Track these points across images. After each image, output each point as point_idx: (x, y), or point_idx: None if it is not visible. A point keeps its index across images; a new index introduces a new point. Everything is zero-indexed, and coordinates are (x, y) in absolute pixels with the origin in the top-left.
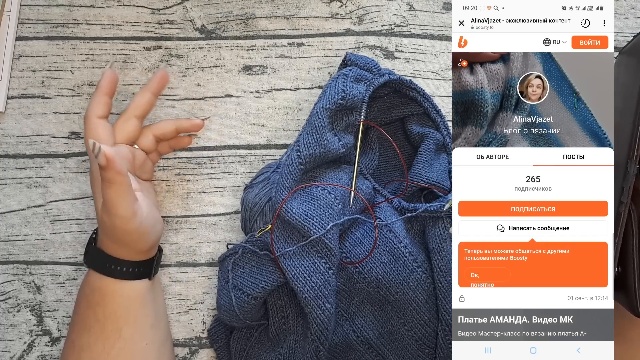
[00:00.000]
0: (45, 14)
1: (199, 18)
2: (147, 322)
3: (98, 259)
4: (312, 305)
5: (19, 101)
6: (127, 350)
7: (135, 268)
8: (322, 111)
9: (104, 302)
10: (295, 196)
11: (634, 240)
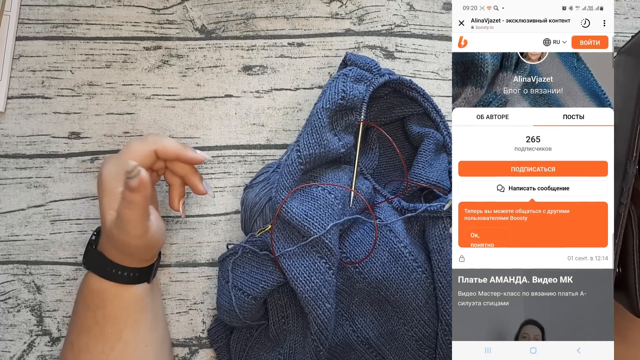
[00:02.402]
0: (45, 14)
1: (199, 18)
2: (146, 325)
3: (98, 263)
4: (312, 305)
5: (19, 101)
6: (126, 352)
7: (136, 273)
8: (322, 111)
9: (104, 305)
10: (295, 196)
11: (634, 241)
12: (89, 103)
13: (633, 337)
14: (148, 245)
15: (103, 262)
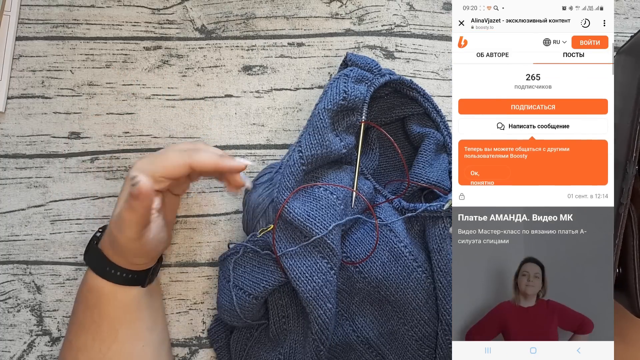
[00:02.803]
0: (45, 14)
1: (199, 18)
2: (143, 325)
3: (96, 260)
4: (313, 305)
5: (19, 101)
6: (123, 351)
7: (129, 275)
8: (324, 112)
9: (100, 304)
10: (297, 197)
11: (634, 241)
12: (89, 103)
13: (633, 337)
14: (140, 250)
15: (99, 259)
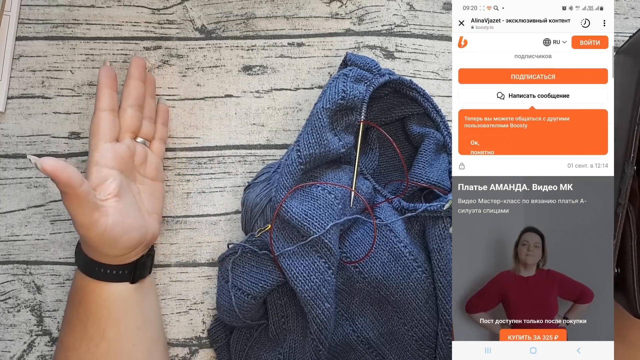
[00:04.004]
0: (45, 14)
1: (199, 18)
2: (132, 324)
3: (81, 259)
4: (311, 304)
5: (19, 101)
6: (112, 350)
7: (114, 270)
8: (323, 111)
9: (85, 302)
10: (295, 196)
11: (632, 242)
12: (89, 103)
13: (633, 337)
14: (103, 239)
15: (82, 257)
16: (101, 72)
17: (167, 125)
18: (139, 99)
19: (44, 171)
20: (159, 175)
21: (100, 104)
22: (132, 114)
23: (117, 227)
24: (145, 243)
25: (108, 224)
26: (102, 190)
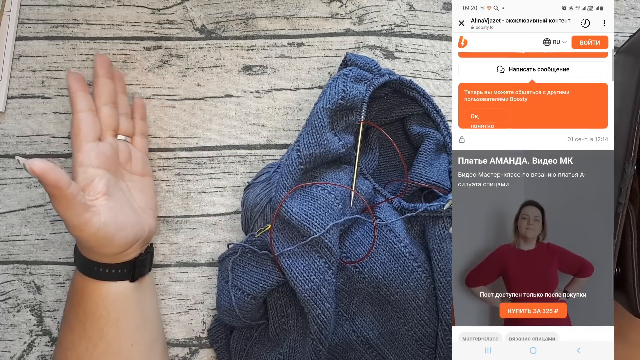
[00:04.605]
0: (45, 14)
1: (199, 18)
2: (130, 323)
3: (79, 259)
4: (311, 304)
5: (19, 101)
6: (110, 350)
7: (112, 270)
8: (322, 111)
9: (83, 302)
10: (295, 196)
11: (633, 241)
12: None
13: (633, 337)
14: (97, 238)
15: (81, 258)
16: (69, 78)
17: (145, 119)
18: (111, 96)
19: (32, 172)
20: (146, 170)
21: (78, 106)
22: (108, 111)
23: (110, 225)
24: (143, 239)
25: (100, 223)
26: (91, 190)
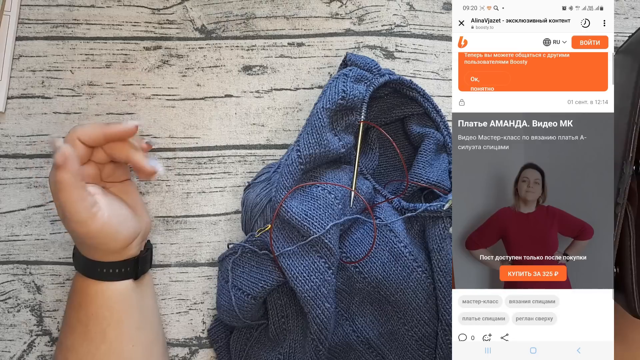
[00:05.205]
0: (45, 14)
1: (199, 18)
2: (132, 324)
3: (81, 261)
4: (311, 304)
5: (19, 101)
6: (112, 351)
7: (117, 269)
8: (322, 111)
9: (86, 304)
10: (295, 196)
11: (631, 242)
12: (89, 103)
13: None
14: (104, 233)
15: (84, 261)
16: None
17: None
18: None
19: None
20: (126, 174)
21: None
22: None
23: (113, 218)
24: (142, 233)
25: (105, 217)
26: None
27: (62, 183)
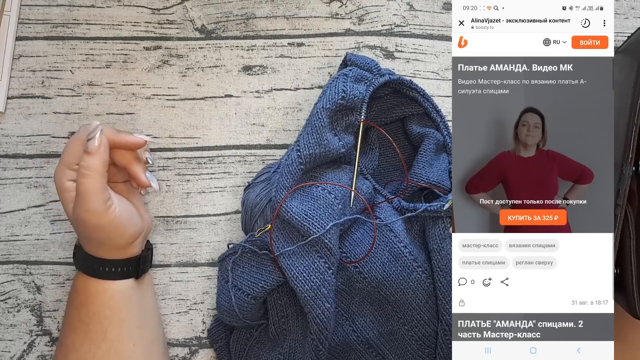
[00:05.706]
0: (45, 14)
1: (199, 18)
2: (133, 323)
3: (82, 260)
4: (311, 304)
5: (19, 101)
6: (113, 351)
7: (119, 267)
8: (323, 111)
9: (87, 303)
10: (295, 196)
11: (631, 242)
12: (89, 103)
13: (633, 337)
14: (113, 226)
15: (86, 259)
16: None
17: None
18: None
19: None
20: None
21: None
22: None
23: (124, 212)
24: (145, 231)
25: (117, 211)
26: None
27: (92, 169)
